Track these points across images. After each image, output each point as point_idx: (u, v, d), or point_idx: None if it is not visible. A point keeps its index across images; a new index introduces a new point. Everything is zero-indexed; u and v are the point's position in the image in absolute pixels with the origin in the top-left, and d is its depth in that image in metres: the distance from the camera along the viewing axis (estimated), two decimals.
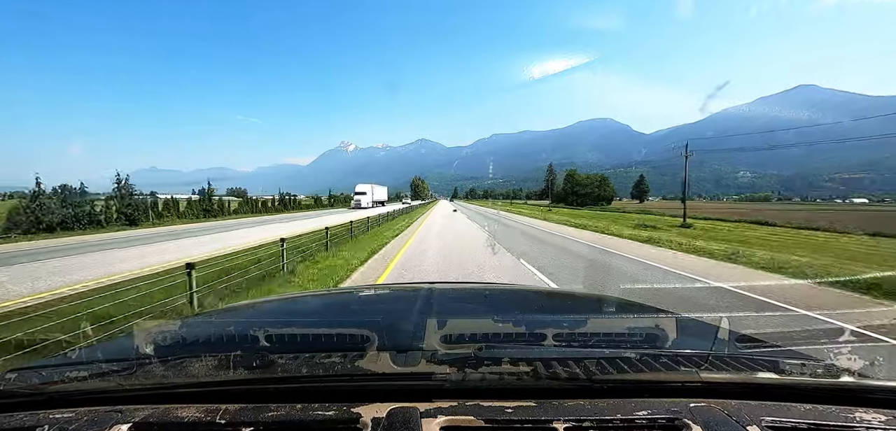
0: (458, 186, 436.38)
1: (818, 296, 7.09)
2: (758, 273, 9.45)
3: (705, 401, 0.77)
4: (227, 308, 1.79)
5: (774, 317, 5.62)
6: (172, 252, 13.32)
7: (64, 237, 19.90)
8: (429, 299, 1.65)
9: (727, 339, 1.06)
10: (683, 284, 7.98)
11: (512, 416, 0.71)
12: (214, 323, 1.42)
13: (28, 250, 14.82)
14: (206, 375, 0.82)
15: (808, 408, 0.76)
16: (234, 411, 0.73)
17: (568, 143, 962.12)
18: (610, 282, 8.23)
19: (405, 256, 11.67)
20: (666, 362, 0.86)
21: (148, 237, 19.41)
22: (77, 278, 8.80)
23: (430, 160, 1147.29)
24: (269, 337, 1.04)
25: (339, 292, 2.19)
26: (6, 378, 0.85)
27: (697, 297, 6.87)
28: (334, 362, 0.86)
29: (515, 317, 1.35)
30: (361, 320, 1.40)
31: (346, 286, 7.65)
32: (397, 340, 1.06)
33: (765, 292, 7.23)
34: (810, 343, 1.18)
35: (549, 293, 2.61)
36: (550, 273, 9.06)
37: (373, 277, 8.69)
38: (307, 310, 1.66)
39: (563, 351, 0.94)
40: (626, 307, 1.73)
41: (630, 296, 5.17)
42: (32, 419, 0.74)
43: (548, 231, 21.48)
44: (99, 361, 0.93)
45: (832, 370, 0.86)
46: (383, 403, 0.74)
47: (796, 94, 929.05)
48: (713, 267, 10.19)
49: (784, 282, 8.26)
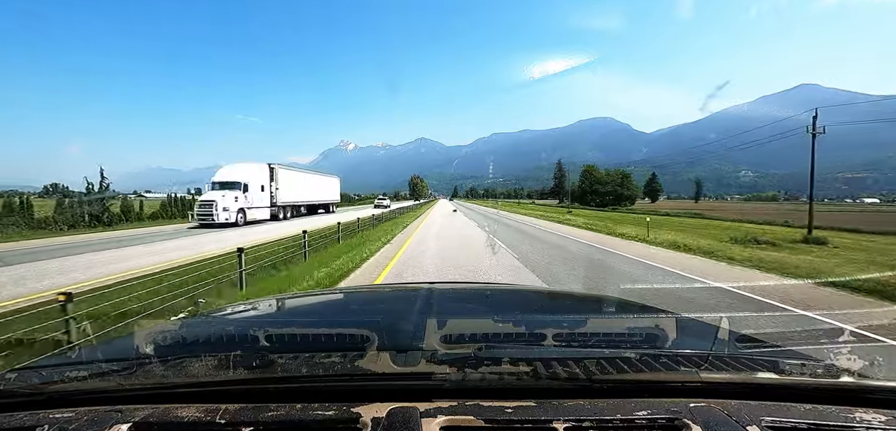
0: (458, 185, 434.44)
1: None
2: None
3: (705, 401, 0.77)
4: (227, 308, 1.80)
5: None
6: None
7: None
8: (429, 299, 1.65)
9: (727, 339, 1.05)
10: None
11: (512, 416, 0.71)
12: (214, 323, 1.42)
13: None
14: (206, 375, 0.82)
15: (808, 408, 0.76)
16: (234, 411, 0.74)
17: (568, 142, 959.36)
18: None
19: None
20: (666, 362, 0.86)
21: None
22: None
23: (430, 159, 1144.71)
24: (269, 337, 1.04)
25: (339, 292, 2.20)
26: (6, 378, 0.85)
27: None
28: (334, 362, 0.86)
29: (515, 317, 1.35)
30: (361, 320, 1.40)
31: (346, 286, 7.64)
32: (397, 340, 1.06)
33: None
34: (810, 343, 1.18)
35: (549, 293, 2.61)
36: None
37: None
38: (307, 310, 1.66)
39: (563, 351, 0.94)
40: (626, 307, 1.73)
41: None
42: (32, 419, 0.74)
43: (621, 253, 12.52)
44: (99, 361, 0.93)
45: (832, 370, 0.86)
46: (383, 403, 0.74)
47: (798, 93, 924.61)
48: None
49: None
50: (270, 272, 8.71)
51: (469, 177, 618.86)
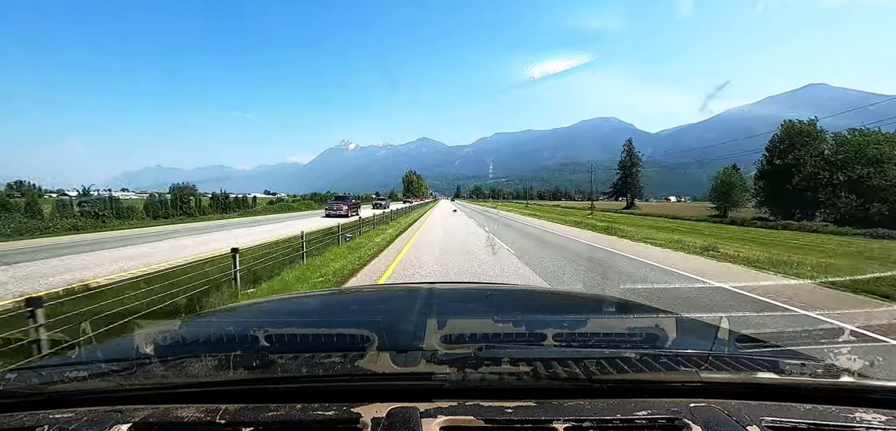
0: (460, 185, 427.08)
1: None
2: None
3: (705, 401, 0.77)
4: (227, 308, 1.80)
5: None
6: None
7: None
8: (429, 299, 1.65)
9: (727, 339, 1.05)
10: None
11: (512, 416, 0.71)
12: (214, 323, 1.42)
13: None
14: (206, 375, 0.82)
15: (808, 408, 0.76)
16: (234, 411, 0.74)
17: (571, 142, 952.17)
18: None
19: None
20: (666, 362, 0.86)
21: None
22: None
23: (431, 159, 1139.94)
24: (269, 337, 1.05)
25: (339, 292, 2.20)
26: (6, 378, 0.85)
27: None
28: (334, 362, 0.86)
29: (515, 317, 1.34)
30: (361, 320, 1.40)
31: (346, 286, 7.65)
32: (397, 340, 1.07)
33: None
34: (810, 343, 1.18)
35: (550, 293, 2.61)
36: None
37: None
38: (307, 310, 1.67)
39: (563, 351, 0.94)
40: (626, 307, 1.73)
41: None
42: (32, 419, 0.74)
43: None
44: (99, 361, 0.94)
45: (832, 370, 0.86)
46: (383, 403, 0.74)
47: (805, 94, 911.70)
48: None
49: None
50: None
51: (471, 177, 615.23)
